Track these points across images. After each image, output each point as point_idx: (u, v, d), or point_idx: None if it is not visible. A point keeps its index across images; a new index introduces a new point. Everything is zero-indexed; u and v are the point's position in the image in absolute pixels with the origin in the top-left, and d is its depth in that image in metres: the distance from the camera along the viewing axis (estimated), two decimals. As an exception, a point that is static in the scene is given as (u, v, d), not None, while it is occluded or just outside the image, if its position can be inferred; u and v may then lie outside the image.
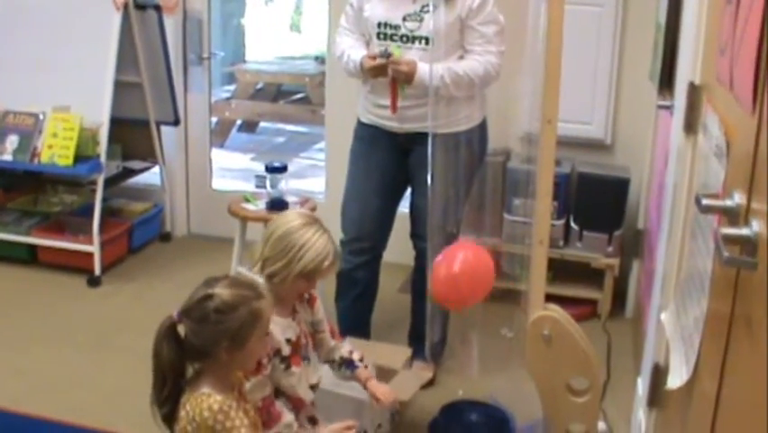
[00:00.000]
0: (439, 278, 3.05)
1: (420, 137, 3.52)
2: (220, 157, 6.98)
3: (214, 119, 6.98)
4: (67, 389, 3.70)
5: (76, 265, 4.86)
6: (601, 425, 3.22)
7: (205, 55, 5.52)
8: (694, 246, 2.05)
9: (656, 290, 3.10)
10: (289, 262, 2.67)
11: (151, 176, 5.55)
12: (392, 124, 3.61)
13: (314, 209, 4.13)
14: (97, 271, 4.80)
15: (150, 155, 5.43)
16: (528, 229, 2.99)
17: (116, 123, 4.88)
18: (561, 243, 4.42)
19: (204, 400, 2.21)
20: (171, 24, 5.25)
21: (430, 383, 3.70)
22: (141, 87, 5.18)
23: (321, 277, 2.82)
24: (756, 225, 1.40)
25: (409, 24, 3.52)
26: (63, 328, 4.26)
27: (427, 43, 3.50)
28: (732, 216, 1.57)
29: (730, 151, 1.74)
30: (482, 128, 3.76)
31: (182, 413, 2.24)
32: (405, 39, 3.53)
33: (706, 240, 1.86)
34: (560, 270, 4.22)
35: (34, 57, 4.96)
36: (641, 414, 3.10)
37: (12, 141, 4.83)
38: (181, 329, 2.24)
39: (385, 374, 3.29)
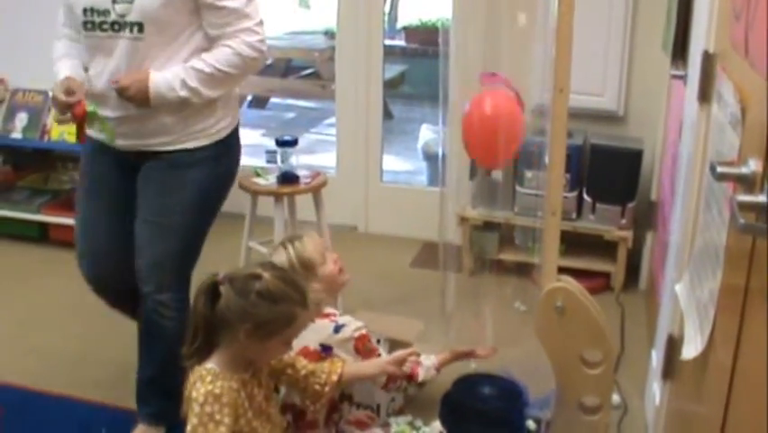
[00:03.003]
0: (472, 125, 3.07)
1: (150, 154, 2.93)
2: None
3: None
4: (78, 365, 3.70)
5: (87, 242, 4.85)
6: (615, 397, 3.22)
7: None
8: (708, 217, 2.03)
9: (670, 261, 3.08)
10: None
11: (162, 152, 5.54)
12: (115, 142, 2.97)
13: (324, 184, 4.10)
14: (109, 247, 4.78)
15: (160, 131, 5.42)
16: (541, 202, 2.97)
17: (126, 99, 4.87)
18: (573, 215, 4.40)
19: (203, 376, 2.20)
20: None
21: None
22: (151, 63, 5.17)
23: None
24: (772, 192, 1.38)
25: (119, 7, 2.75)
26: (74, 305, 4.26)
27: (141, 31, 2.77)
28: (747, 183, 1.54)
29: (745, 118, 1.71)
30: (228, 145, 3.03)
31: (188, 382, 2.23)
32: (116, 27, 2.77)
33: (720, 210, 1.84)
34: (573, 242, 4.19)
35: (42, 34, 4.92)
36: (655, 386, 3.09)
37: (21, 118, 4.83)
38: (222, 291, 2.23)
39: (397, 348, 3.27)
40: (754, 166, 1.53)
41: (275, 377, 2.49)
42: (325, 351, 2.76)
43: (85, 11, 2.79)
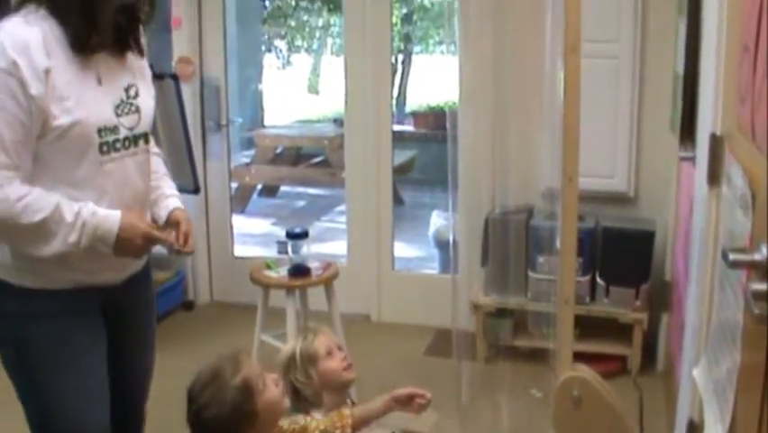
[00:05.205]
0: None
1: (135, 277, 2.64)
2: (241, 223, 6.98)
3: (234, 185, 6.99)
4: None
5: (99, 337, 4.82)
6: (637, 486, 3.15)
7: (224, 122, 5.54)
8: (723, 297, 2.00)
9: (687, 342, 3.03)
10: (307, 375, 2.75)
11: (173, 244, 5.54)
12: (109, 276, 2.48)
13: (335, 275, 4.08)
14: (121, 342, 4.72)
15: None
16: (554, 286, 2.95)
17: (137, 193, 4.87)
18: (587, 299, 4.36)
19: None
20: (189, 92, 5.26)
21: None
22: (161, 157, 5.20)
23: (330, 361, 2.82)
24: (787, 280, 1.36)
25: (126, 120, 2.38)
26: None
27: (147, 142, 2.51)
28: (761, 269, 1.52)
29: (756, 201, 1.69)
30: None
31: None
32: (127, 143, 2.38)
33: (734, 291, 1.81)
34: (587, 326, 4.14)
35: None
36: (677, 473, 3.03)
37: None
38: None
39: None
40: (766, 252, 1.50)
41: None
42: None
43: (99, 131, 2.28)
